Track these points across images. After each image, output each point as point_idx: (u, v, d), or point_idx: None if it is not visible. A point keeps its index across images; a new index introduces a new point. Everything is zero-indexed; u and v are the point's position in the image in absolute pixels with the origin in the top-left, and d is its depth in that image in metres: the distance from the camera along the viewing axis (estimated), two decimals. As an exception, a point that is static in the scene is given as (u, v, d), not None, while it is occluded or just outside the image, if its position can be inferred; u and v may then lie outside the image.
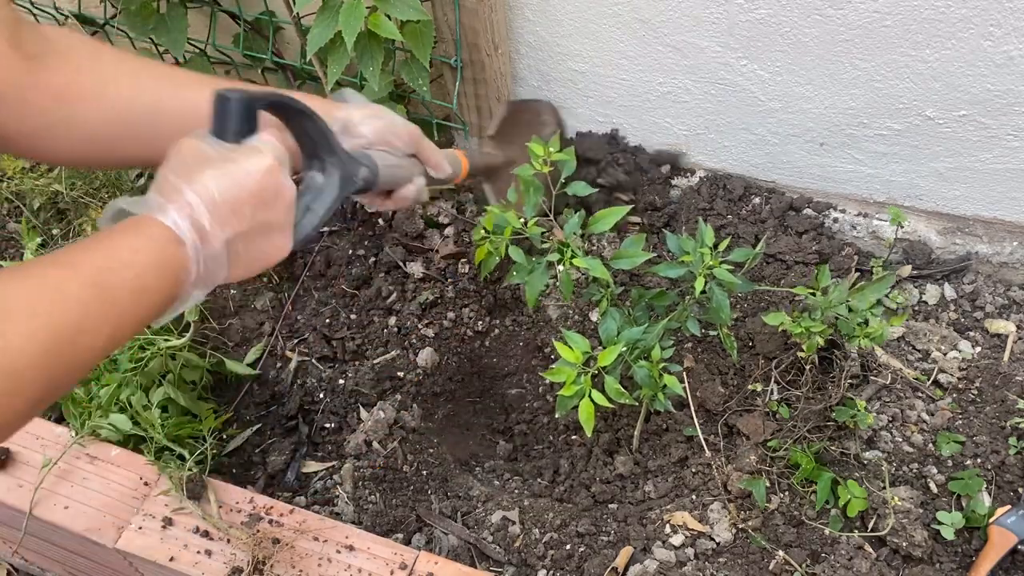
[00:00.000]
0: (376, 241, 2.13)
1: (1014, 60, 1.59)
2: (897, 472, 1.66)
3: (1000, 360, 1.80)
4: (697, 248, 1.46)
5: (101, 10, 2.24)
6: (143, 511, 1.53)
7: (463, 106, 1.98)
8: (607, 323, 1.50)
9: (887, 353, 1.82)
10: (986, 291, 1.90)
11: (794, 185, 2.03)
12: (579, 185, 1.52)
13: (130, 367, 1.72)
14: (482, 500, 1.72)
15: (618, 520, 1.64)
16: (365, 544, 1.48)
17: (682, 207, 2.04)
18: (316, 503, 1.73)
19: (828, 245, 1.95)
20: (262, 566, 1.44)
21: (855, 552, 1.52)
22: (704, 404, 1.76)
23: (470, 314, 2.01)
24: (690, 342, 1.87)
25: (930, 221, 1.97)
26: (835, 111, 1.82)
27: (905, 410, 1.74)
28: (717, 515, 1.60)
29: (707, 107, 1.93)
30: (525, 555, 1.61)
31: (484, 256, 1.49)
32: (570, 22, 1.88)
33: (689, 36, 1.80)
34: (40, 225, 2.14)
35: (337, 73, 1.71)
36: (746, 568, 1.54)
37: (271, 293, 2.09)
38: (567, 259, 1.45)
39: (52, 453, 1.60)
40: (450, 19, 1.78)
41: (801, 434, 1.64)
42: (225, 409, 1.88)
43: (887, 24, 1.62)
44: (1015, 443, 1.66)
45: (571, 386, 1.35)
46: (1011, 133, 1.71)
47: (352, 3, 1.58)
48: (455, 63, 1.86)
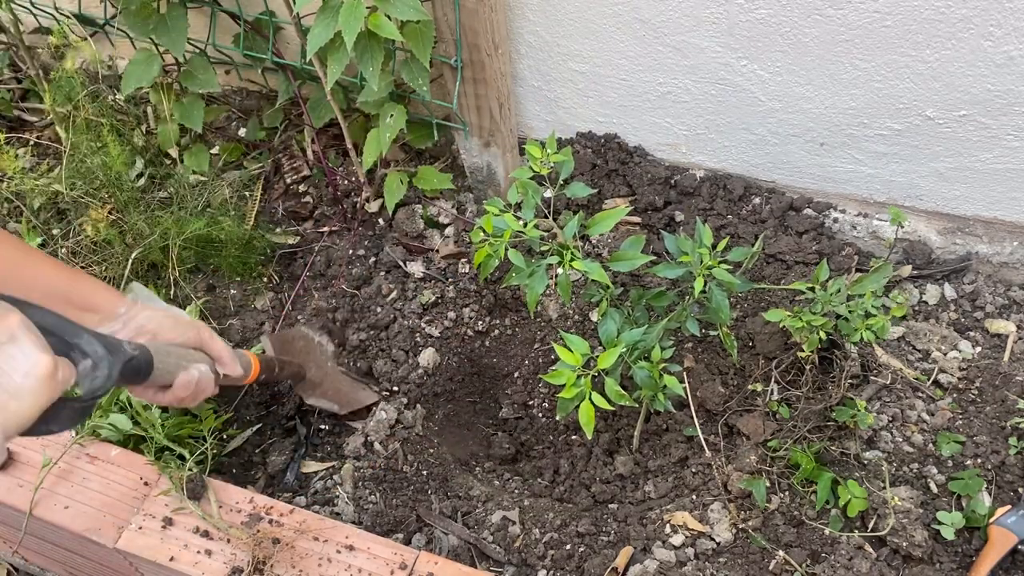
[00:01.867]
0: (376, 241, 2.13)
1: (1014, 60, 1.59)
2: (897, 472, 1.66)
3: (1000, 360, 1.80)
4: (696, 248, 1.46)
5: (101, 10, 2.24)
6: (143, 511, 1.53)
7: (463, 106, 1.98)
8: (607, 324, 1.50)
9: (887, 353, 1.82)
10: (986, 291, 1.90)
11: (794, 185, 2.03)
12: (578, 187, 1.52)
13: (130, 367, 1.72)
14: (482, 500, 1.72)
15: (618, 520, 1.64)
16: (365, 544, 1.48)
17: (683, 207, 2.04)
18: (316, 503, 1.73)
19: (828, 245, 1.94)
20: (262, 566, 1.44)
21: (855, 552, 1.53)
22: (704, 404, 1.76)
23: (470, 314, 2.01)
24: (690, 342, 1.87)
25: (930, 221, 1.97)
26: (835, 111, 1.81)
27: (905, 410, 1.74)
28: (717, 515, 1.60)
29: (707, 107, 1.93)
30: (525, 555, 1.62)
31: (483, 258, 1.48)
32: (570, 22, 1.88)
33: (689, 36, 1.80)
34: (40, 225, 2.14)
35: (337, 73, 1.71)
36: (746, 568, 1.54)
37: (271, 293, 2.09)
38: (566, 262, 1.45)
39: (52, 453, 1.60)
40: (450, 19, 1.77)
41: (801, 434, 1.64)
42: (225, 409, 1.88)
43: (887, 24, 1.62)
44: (1015, 443, 1.66)
45: (571, 388, 1.35)
46: (1011, 133, 1.71)
47: (352, 3, 1.58)
48: (455, 63, 1.86)
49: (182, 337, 1.20)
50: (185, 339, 1.20)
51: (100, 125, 2.14)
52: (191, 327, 1.22)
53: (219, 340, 1.27)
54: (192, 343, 1.22)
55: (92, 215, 1.98)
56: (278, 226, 2.21)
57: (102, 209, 2.00)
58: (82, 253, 2.02)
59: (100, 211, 1.99)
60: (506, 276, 1.54)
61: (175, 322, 1.20)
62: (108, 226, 1.98)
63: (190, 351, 1.22)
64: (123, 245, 1.99)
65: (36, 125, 2.46)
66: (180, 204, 2.09)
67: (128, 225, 2.00)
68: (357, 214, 2.16)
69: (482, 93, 1.92)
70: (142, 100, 2.35)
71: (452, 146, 2.23)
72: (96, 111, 2.16)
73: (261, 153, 2.34)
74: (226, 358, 1.27)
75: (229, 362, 1.28)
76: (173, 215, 2.01)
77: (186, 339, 1.20)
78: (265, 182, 2.28)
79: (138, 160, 2.23)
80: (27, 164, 2.29)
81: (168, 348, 1.17)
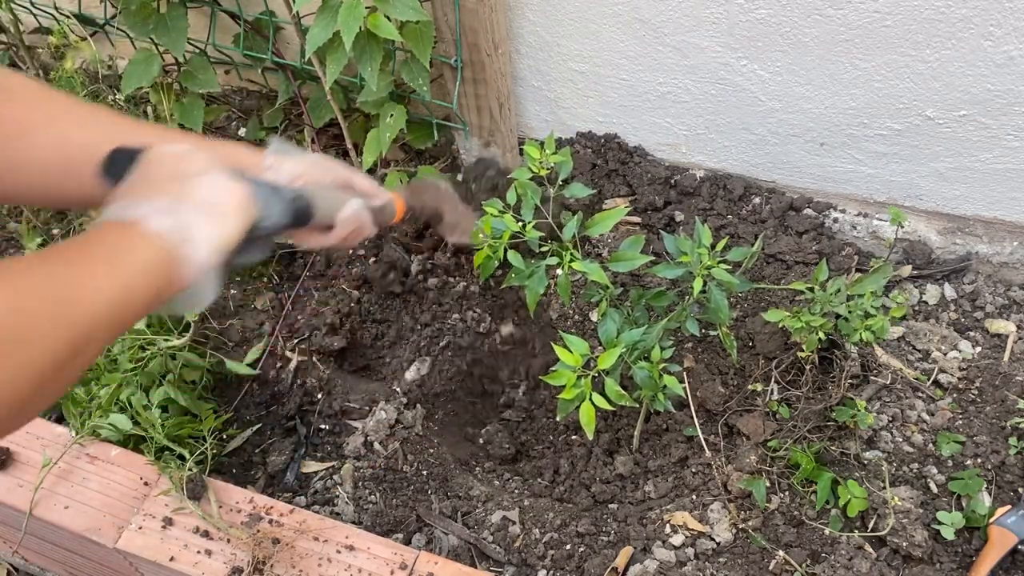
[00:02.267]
0: (376, 241, 2.13)
1: (1014, 60, 1.59)
2: (897, 472, 1.66)
3: (1000, 360, 1.80)
4: (695, 248, 1.46)
5: (101, 10, 2.24)
6: (143, 511, 1.53)
7: (463, 106, 1.97)
8: (606, 324, 1.50)
9: (887, 353, 1.82)
10: (986, 291, 1.90)
11: (794, 185, 2.03)
12: (577, 187, 1.52)
13: (130, 367, 1.72)
14: (482, 500, 1.72)
15: (618, 520, 1.64)
16: (365, 544, 1.48)
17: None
18: (316, 503, 1.73)
19: (828, 245, 1.94)
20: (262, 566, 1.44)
21: (855, 552, 1.53)
22: (704, 404, 1.76)
23: (471, 314, 2.01)
24: (690, 342, 1.87)
25: (930, 221, 1.96)
26: (835, 111, 1.81)
27: (905, 410, 1.74)
28: (717, 515, 1.60)
29: (707, 107, 1.93)
30: (525, 555, 1.62)
31: (483, 260, 1.48)
32: (570, 22, 1.88)
33: (689, 36, 1.80)
34: (40, 225, 2.14)
35: (336, 73, 1.71)
36: (746, 568, 1.54)
37: (271, 293, 2.09)
38: (566, 263, 1.45)
39: (52, 453, 1.60)
40: (450, 19, 1.77)
41: (801, 434, 1.64)
42: (225, 409, 1.88)
43: (887, 24, 1.62)
44: (1015, 443, 1.66)
45: (571, 389, 1.35)
46: (1011, 133, 1.71)
47: (351, 3, 1.58)
48: (455, 63, 1.86)
49: (330, 176, 1.22)
50: (335, 178, 1.23)
51: (100, 125, 2.14)
52: (338, 167, 1.25)
53: (366, 176, 1.30)
54: (341, 182, 1.25)
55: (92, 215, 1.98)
56: (278, 226, 2.20)
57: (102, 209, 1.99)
58: (82, 253, 2.02)
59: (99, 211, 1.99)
60: (507, 277, 1.54)
61: (322, 165, 1.22)
62: (108, 226, 1.97)
63: (342, 191, 1.25)
64: (123, 245, 1.99)
65: (36, 125, 2.45)
66: (180, 204, 2.08)
67: (128, 225, 2.00)
68: (357, 214, 2.16)
69: (482, 93, 1.92)
70: (142, 100, 2.35)
71: (452, 146, 2.23)
72: (96, 111, 2.15)
73: (261, 153, 2.33)
74: (374, 191, 1.31)
75: (379, 194, 1.31)
76: (173, 215, 2.00)
77: (335, 178, 1.23)
78: (265, 182, 2.28)
79: (138, 160, 2.23)
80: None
81: (323, 190, 1.20)
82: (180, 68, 2.16)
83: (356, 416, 1.88)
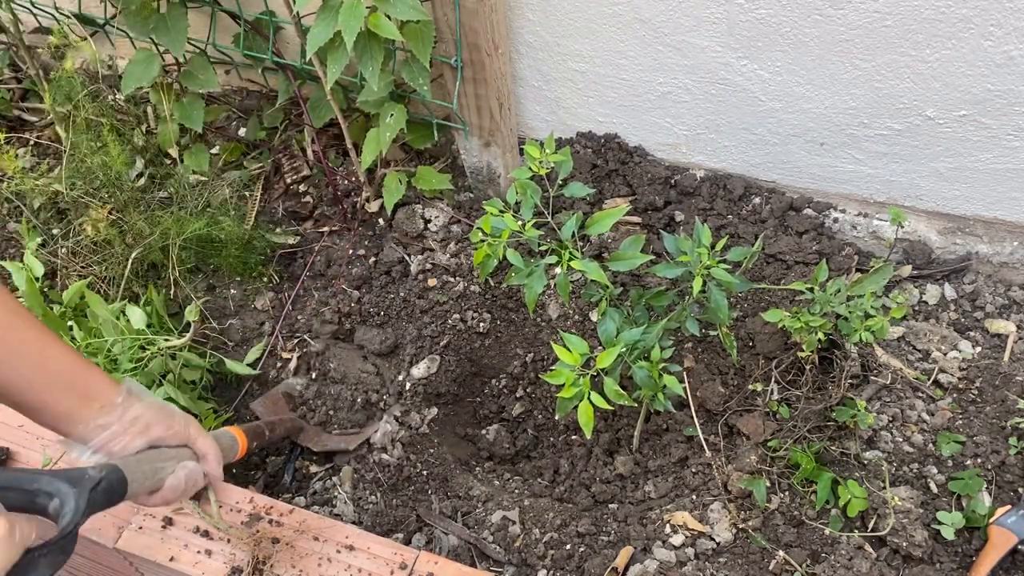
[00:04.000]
0: (376, 241, 2.13)
1: (1014, 60, 1.59)
2: (897, 472, 1.66)
3: (1000, 360, 1.80)
4: (695, 248, 1.46)
5: (101, 10, 2.24)
6: (143, 511, 1.53)
7: (463, 106, 1.97)
8: (606, 324, 1.50)
9: (887, 353, 1.82)
10: (986, 291, 1.90)
11: (794, 185, 2.03)
12: (576, 187, 1.52)
13: (130, 367, 1.72)
14: (482, 500, 1.72)
15: (618, 520, 1.64)
16: (365, 544, 1.48)
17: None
18: (316, 503, 1.73)
19: (828, 245, 1.94)
20: (262, 566, 1.44)
21: (855, 552, 1.52)
22: (704, 404, 1.76)
23: (471, 314, 2.01)
24: (690, 342, 1.87)
25: (930, 221, 1.96)
26: (835, 111, 1.81)
27: (905, 410, 1.74)
28: (717, 515, 1.60)
29: (707, 107, 1.93)
30: (525, 555, 1.62)
31: (482, 259, 1.48)
32: (570, 22, 1.88)
33: (689, 36, 1.80)
34: (40, 225, 2.14)
35: (337, 72, 1.71)
36: (746, 568, 1.54)
37: (271, 293, 2.09)
38: (565, 262, 1.45)
39: (52, 453, 1.60)
40: (450, 19, 1.77)
41: (801, 434, 1.64)
42: (225, 409, 1.88)
43: (887, 24, 1.61)
44: (1015, 443, 1.65)
45: (570, 388, 1.35)
46: (1011, 133, 1.71)
47: (352, 3, 1.58)
48: (455, 63, 1.86)
49: (170, 431, 1.22)
50: (173, 433, 1.22)
51: (100, 125, 2.14)
52: (181, 423, 1.25)
53: (207, 437, 1.30)
54: (180, 439, 1.24)
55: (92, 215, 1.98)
56: (278, 226, 2.21)
57: (102, 209, 2.00)
58: (82, 253, 2.03)
59: (100, 211, 1.99)
60: (506, 276, 1.54)
61: (166, 416, 1.22)
62: (108, 226, 1.98)
63: (175, 450, 1.23)
64: (123, 245, 1.99)
65: (36, 125, 2.46)
66: (180, 204, 2.09)
67: (128, 225, 2.00)
68: (357, 214, 2.16)
69: (482, 93, 1.92)
70: (142, 100, 2.35)
71: (452, 146, 2.23)
72: (96, 111, 2.16)
73: (261, 153, 2.34)
74: (211, 457, 1.30)
75: (214, 463, 1.31)
76: (173, 215, 2.00)
77: (174, 433, 1.22)
78: (265, 182, 2.28)
79: (138, 160, 2.23)
80: (27, 164, 2.29)
81: (147, 455, 1.18)
82: (180, 68, 2.16)
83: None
